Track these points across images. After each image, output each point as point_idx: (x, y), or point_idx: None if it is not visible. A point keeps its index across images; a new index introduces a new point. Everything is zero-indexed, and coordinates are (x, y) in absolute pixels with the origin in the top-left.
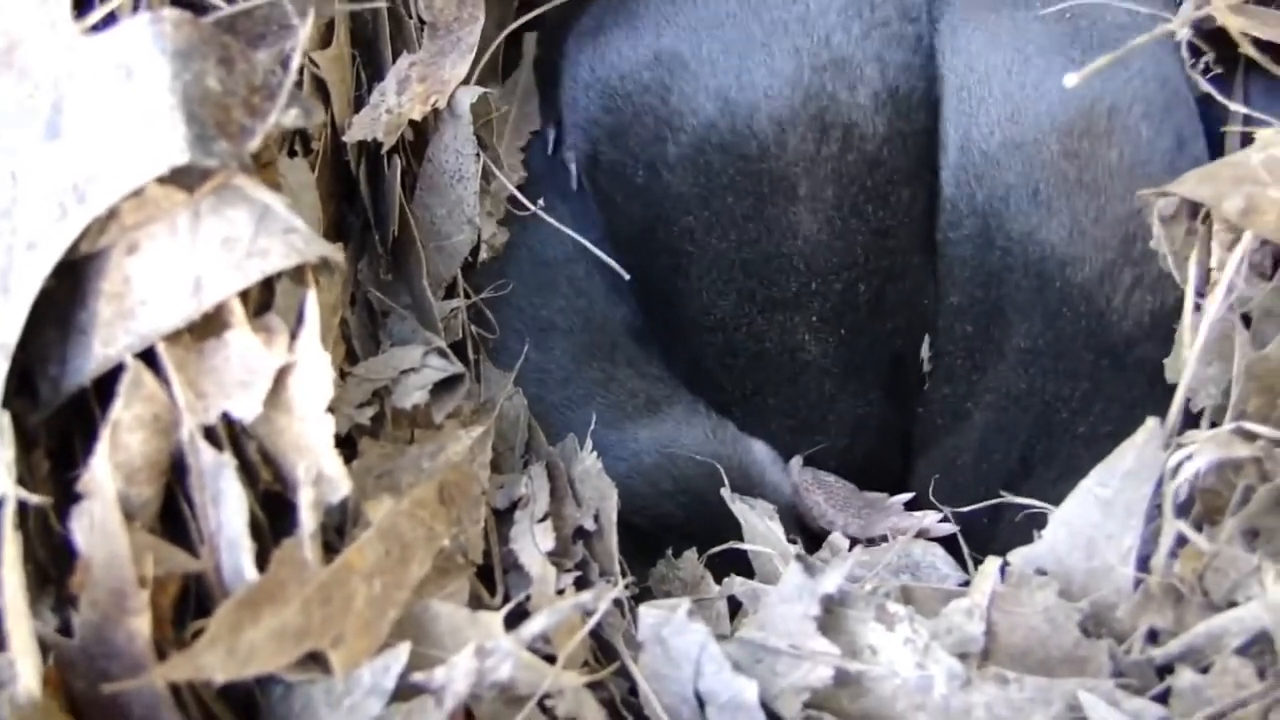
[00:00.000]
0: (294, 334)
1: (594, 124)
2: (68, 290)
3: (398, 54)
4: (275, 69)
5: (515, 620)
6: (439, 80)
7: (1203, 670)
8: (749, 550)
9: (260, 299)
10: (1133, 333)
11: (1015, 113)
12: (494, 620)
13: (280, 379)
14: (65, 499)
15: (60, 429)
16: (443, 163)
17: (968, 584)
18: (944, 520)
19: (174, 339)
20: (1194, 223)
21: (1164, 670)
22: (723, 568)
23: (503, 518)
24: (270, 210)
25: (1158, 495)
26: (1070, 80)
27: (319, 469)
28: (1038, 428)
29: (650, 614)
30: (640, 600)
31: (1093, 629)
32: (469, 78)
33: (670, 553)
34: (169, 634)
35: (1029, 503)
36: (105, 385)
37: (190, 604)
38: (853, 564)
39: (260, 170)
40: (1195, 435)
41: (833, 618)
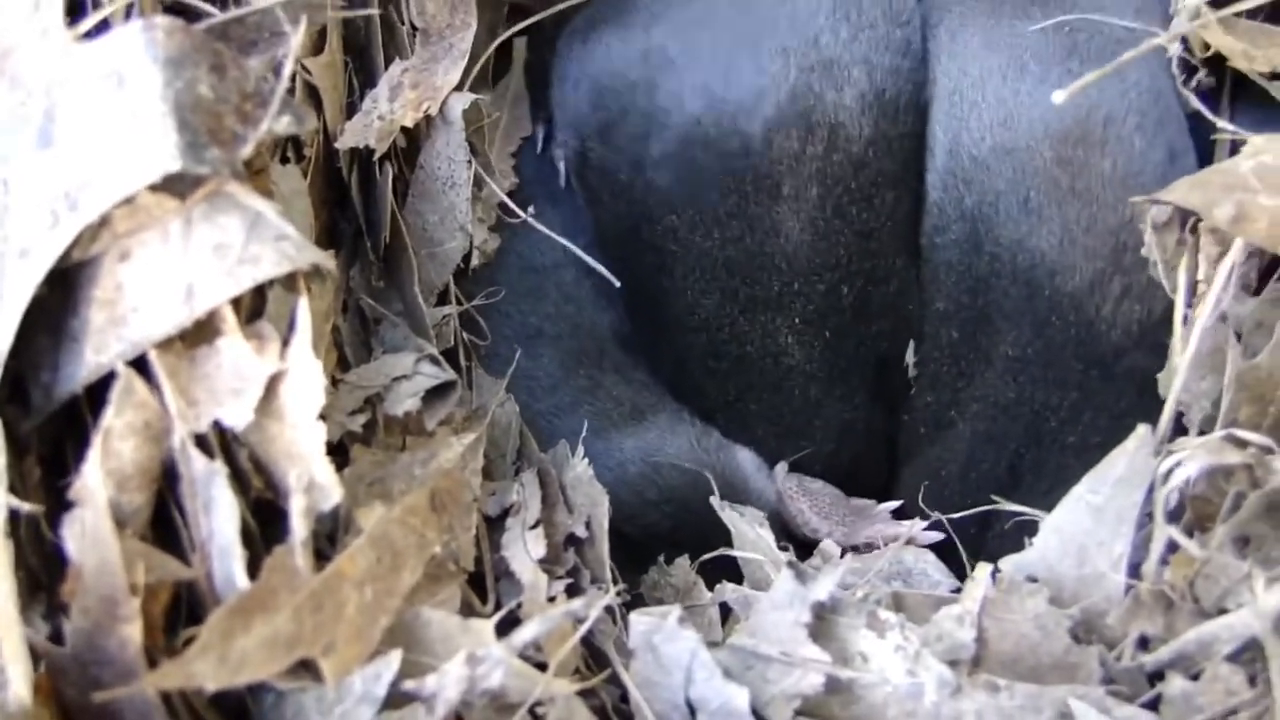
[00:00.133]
0: (286, 341)
1: (582, 121)
2: (60, 297)
3: (390, 61)
4: (267, 76)
5: (507, 627)
6: (431, 87)
7: (1193, 677)
8: (739, 557)
9: (252, 306)
10: (1121, 342)
11: (1009, 118)
12: (485, 628)
13: (272, 386)
14: (57, 506)
15: (52, 436)
16: (435, 169)
17: (959, 591)
18: (930, 527)
19: (166, 346)
20: (1183, 233)
21: (1155, 677)
22: (714, 575)
23: (494, 525)
24: (262, 217)
25: (1149, 502)
26: (1058, 97)
27: (310, 476)
28: (1027, 437)
29: (641, 621)
30: (632, 607)
31: (1083, 636)
32: (461, 84)
33: (662, 560)
34: (160, 641)
35: (1020, 509)
36: (97, 392)
37: (182, 611)
38: (844, 571)
39: (252, 177)
40: (1186, 442)
41: (824, 625)
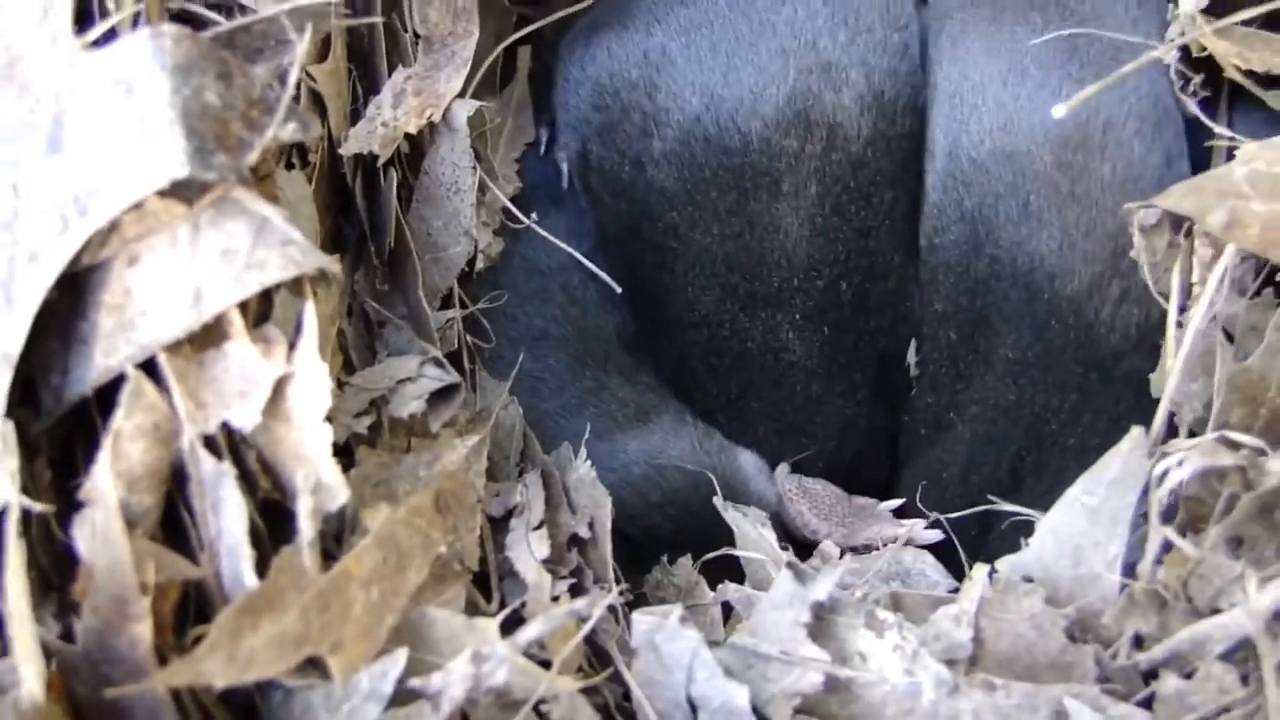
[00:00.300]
0: (292, 344)
1: (584, 122)
2: (69, 301)
3: (393, 68)
4: (273, 84)
5: (511, 626)
6: (434, 94)
7: (1187, 676)
8: (741, 557)
9: (259, 310)
10: (1120, 345)
11: (1009, 122)
12: (490, 626)
13: (279, 389)
14: (67, 507)
15: (62, 438)
16: (439, 175)
17: (957, 591)
18: (930, 528)
19: (174, 349)
20: (1176, 236)
21: (1149, 675)
22: (717, 575)
23: (498, 525)
24: (268, 223)
25: (1143, 503)
26: (1059, 110)
27: (317, 477)
28: (1027, 439)
29: (643, 620)
30: (635, 607)
31: (1079, 635)
32: (464, 91)
33: (665, 560)
34: (170, 640)
35: (1017, 510)
36: (106, 395)
37: (190, 610)
38: (843, 571)
39: (258, 183)
40: (1180, 444)
41: (823, 624)
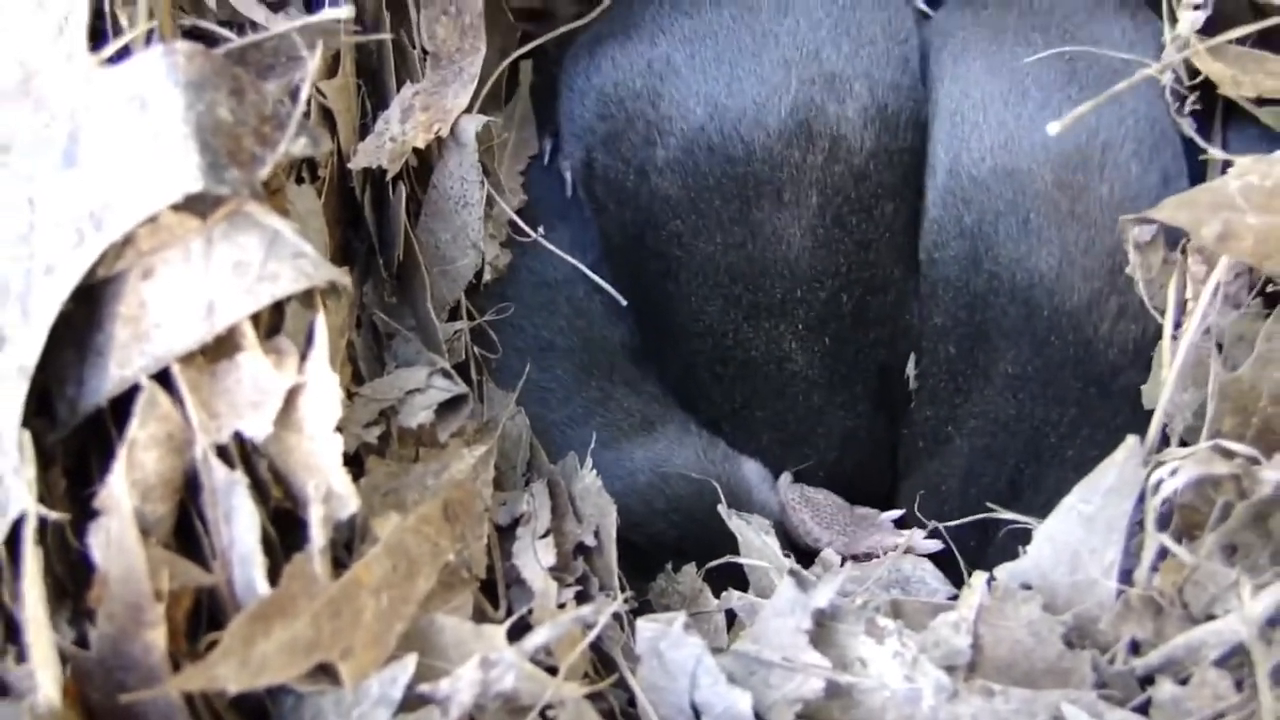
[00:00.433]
0: (303, 356)
1: (589, 131)
2: (85, 314)
3: (402, 83)
4: (284, 99)
5: (518, 633)
6: (442, 109)
7: (1182, 681)
8: (745, 564)
9: (270, 322)
10: (1118, 360)
11: (1010, 141)
12: (497, 633)
13: (290, 399)
14: (82, 515)
15: (77, 448)
16: (448, 189)
17: (956, 598)
18: (930, 536)
19: (188, 360)
20: (1171, 253)
21: (1145, 681)
22: (722, 582)
23: (505, 534)
24: (280, 236)
25: (1138, 511)
26: (1053, 128)
27: (328, 486)
28: (1026, 453)
29: (648, 628)
30: (640, 614)
31: (1076, 641)
32: (471, 106)
33: (669, 568)
34: (183, 646)
35: (1016, 518)
36: (120, 405)
37: (203, 617)
38: (844, 579)
39: (269, 197)
40: (1174, 453)
41: (824, 631)
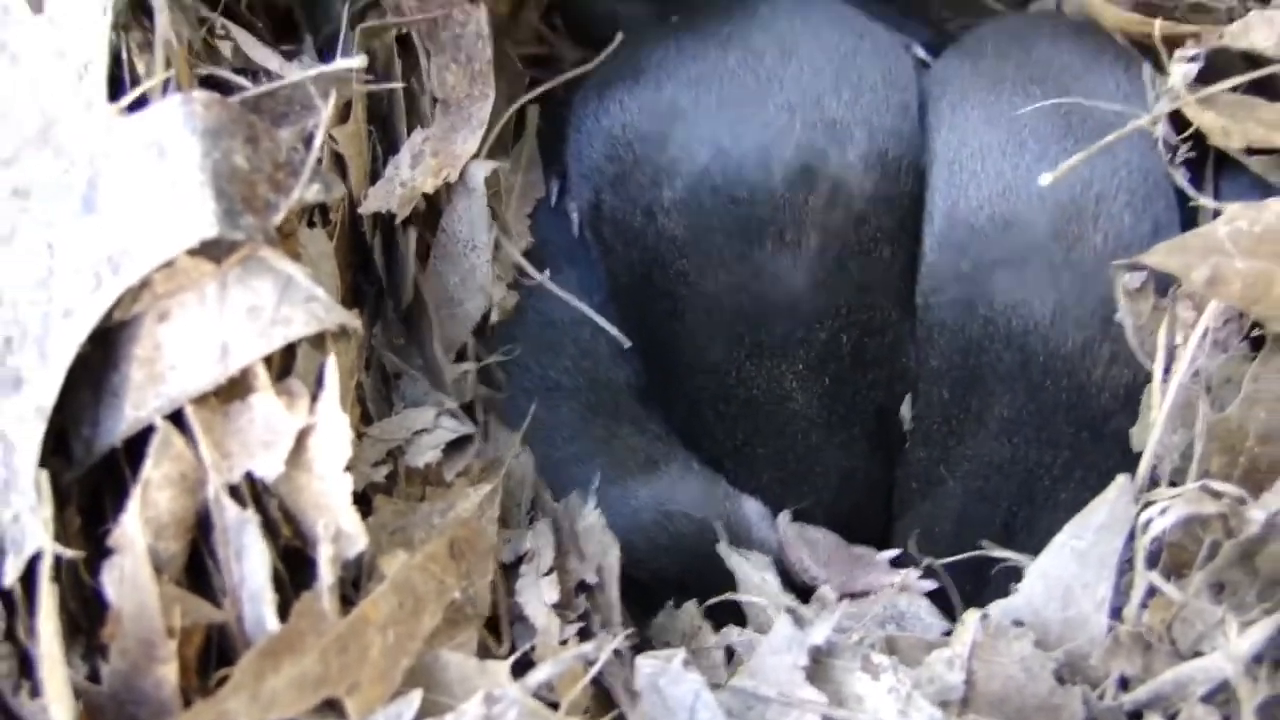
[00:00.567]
0: (314, 397)
1: (597, 172)
2: (102, 355)
3: (412, 129)
4: (298, 146)
5: (521, 669)
6: (451, 154)
7: (1171, 717)
8: (743, 601)
9: (282, 364)
10: (1109, 405)
11: (1007, 190)
12: (501, 669)
13: (301, 440)
14: (95, 553)
15: (91, 487)
16: (456, 232)
17: (950, 634)
18: (925, 575)
19: (201, 402)
20: (1160, 299)
21: (1134, 716)
22: (721, 618)
23: (510, 571)
24: (293, 280)
25: (1128, 549)
26: (1045, 179)
27: (337, 525)
28: (1020, 496)
29: (647, 664)
30: (640, 650)
31: (1068, 676)
32: (480, 151)
33: (670, 604)
34: (194, 682)
35: (1009, 555)
36: (134, 445)
37: (213, 653)
38: (840, 616)
39: (282, 240)
40: (1164, 493)
41: (820, 667)
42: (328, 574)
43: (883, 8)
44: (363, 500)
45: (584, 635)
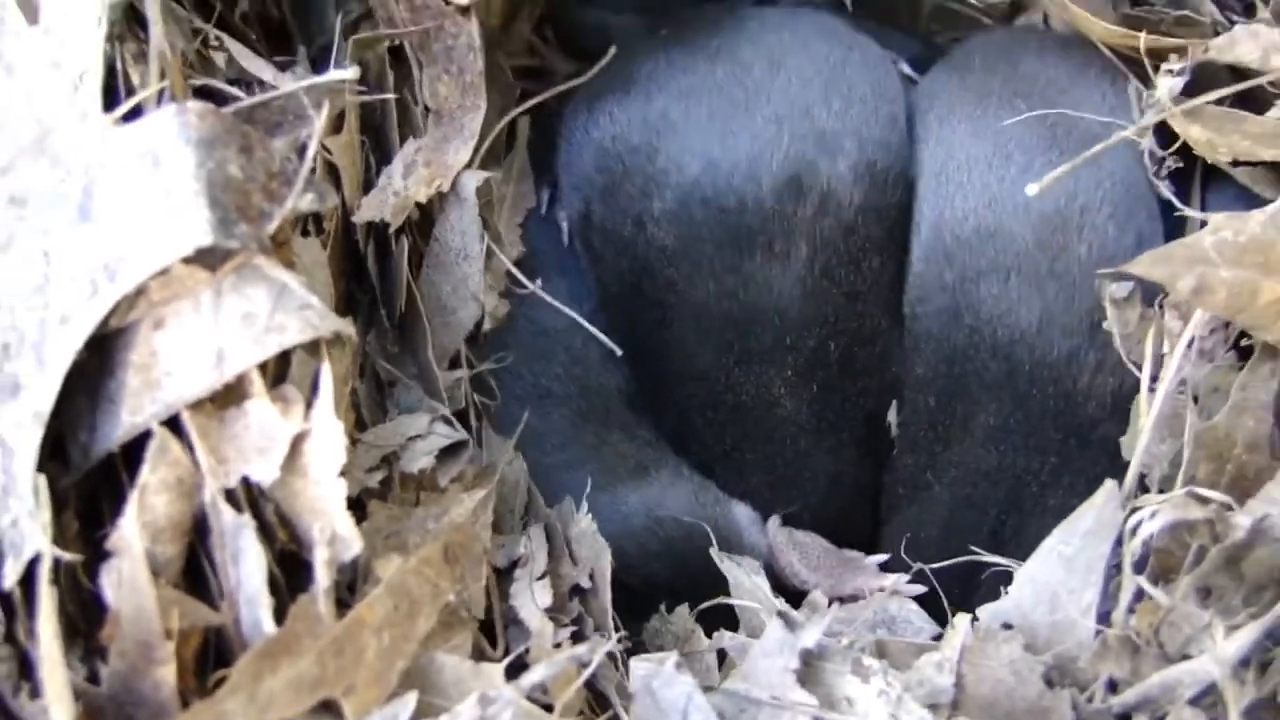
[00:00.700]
0: (309, 403)
1: (588, 182)
2: (98, 362)
3: (404, 140)
4: (291, 156)
5: (515, 671)
6: (443, 164)
7: None
8: (735, 605)
9: (277, 370)
10: (1096, 413)
11: (993, 202)
12: (496, 671)
13: (296, 445)
14: (93, 557)
15: (89, 492)
16: (449, 242)
17: (940, 638)
18: (915, 579)
19: (197, 408)
20: (1147, 309)
21: (1123, 718)
22: (713, 623)
23: (503, 576)
24: (287, 288)
25: (1116, 554)
26: (1032, 189)
27: (333, 529)
28: (1008, 502)
29: (641, 666)
30: (634, 654)
31: (1056, 679)
32: (472, 161)
33: (663, 609)
34: (192, 683)
35: (998, 560)
36: (131, 451)
37: (210, 655)
38: (831, 620)
39: (276, 249)
40: (1150, 499)
41: (811, 670)
42: (324, 577)
43: (872, 21)
44: (357, 505)
45: (577, 639)
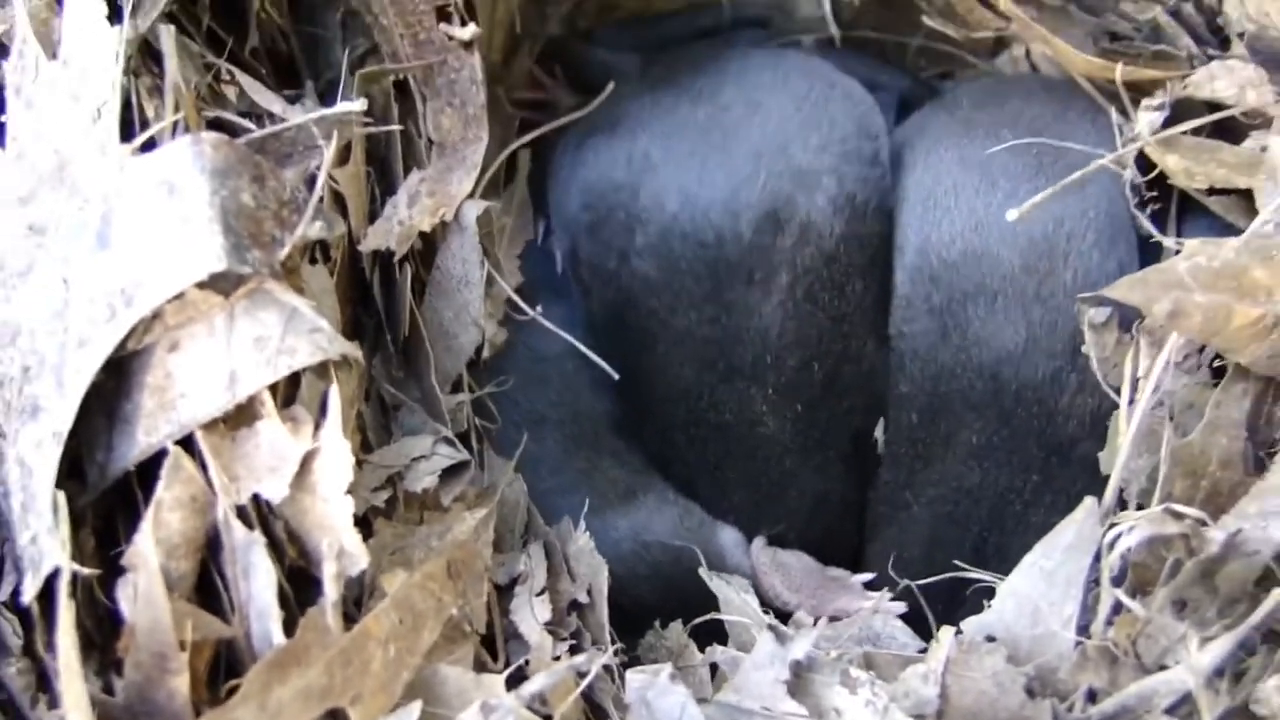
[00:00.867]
0: (318, 424)
1: (574, 220)
2: (115, 384)
3: (409, 171)
4: (301, 186)
5: (516, 682)
6: (446, 195)
7: None
8: (726, 621)
9: (287, 392)
10: (1076, 432)
11: (979, 226)
12: (497, 681)
13: (305, 464)
14: (109, 573)
15: (105, 510)
16: (451, 270)
17: (925, 651)
18: (899, 597)
19: (210, 428)
20: (1124, 334)
21: None
22: (706, 640)
23: (504, 592)
24: (298, 312)
25: (1095, 569)
26: (1012, 214)
27: (340, 545)
28: (990, 520)
29: (636, 678)
30: (629, 668)
31: (1038, 690)
32: (473, 192)
33: (658, 625)
34: (204, 693)
35: (983, 576)
36: (146, 470)
37: (222, 667)
38: (819, 634)
39: (286, 276)
40: (1128, 515)
41: (801, 682)
42: (332, 591)
43: (860, 59)
44: (364, 524)
45: (575, 651)
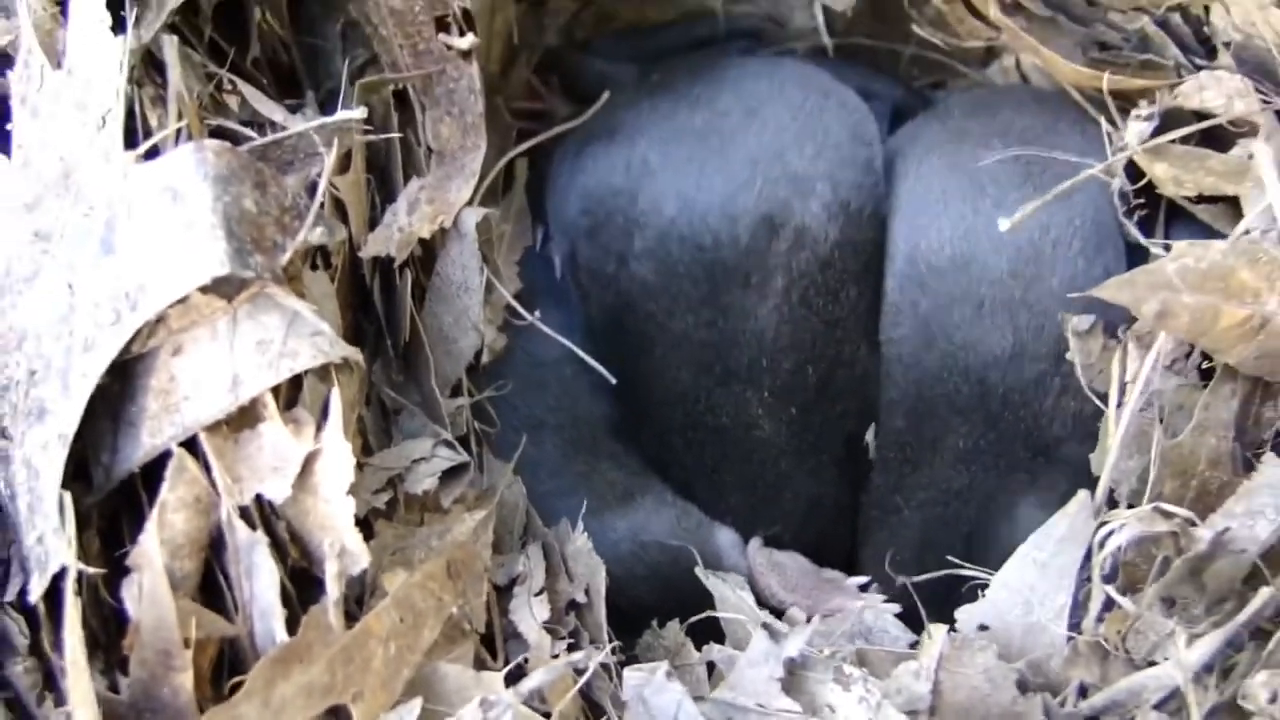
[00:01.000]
0: (319, 426)
1: (573, 225)
2: (120, 387)
3: (408, 178)
4: (302, 192)
5: (514, 680)
6: (445, 202)
7: None
8: (721, 620)
9: (290, 394)
10: (1060, 433)
11: (968, 233)
12: (496, 679)
13: (307, 465)
14: (114, 572)
15: (110, 511)
16: (450, 275)
17: (917, 647)
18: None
19: (214, 430)
20: (1109, 340)
21: None
22: (703, 639)
23: (503, 592)
24: (300, 316)
25: (1086, 566)
26: (1004, 225)
27: (342, 545)
28: (978, 521)
29: (633, 676)
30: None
31: (1030, 683)
32: (472, 199)
33: (655, 624)
34: (208, 691)
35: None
36: (151, 471)
37: (225, 665)
38: (812, 631)
39: (288, 283)
40: (1119, 514)
41: (795, 679)
42: (333, 590)
43: (854, 68)
44: (365, 526)
45: (573, 650)
